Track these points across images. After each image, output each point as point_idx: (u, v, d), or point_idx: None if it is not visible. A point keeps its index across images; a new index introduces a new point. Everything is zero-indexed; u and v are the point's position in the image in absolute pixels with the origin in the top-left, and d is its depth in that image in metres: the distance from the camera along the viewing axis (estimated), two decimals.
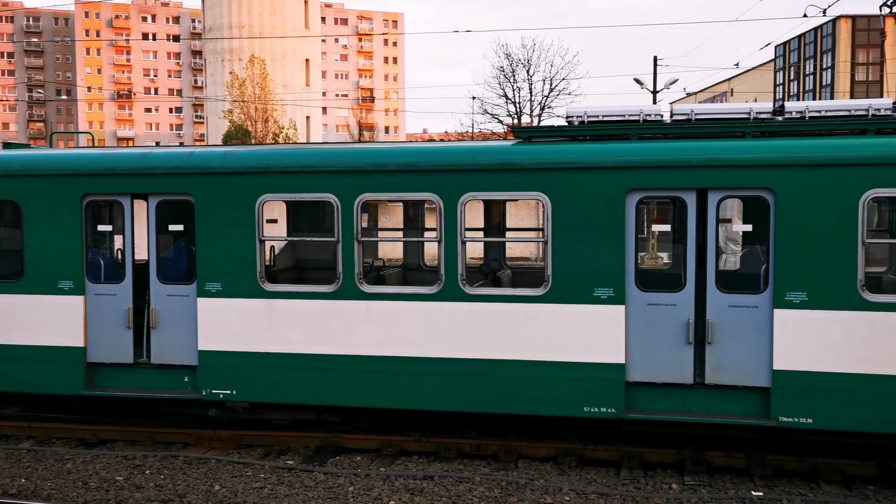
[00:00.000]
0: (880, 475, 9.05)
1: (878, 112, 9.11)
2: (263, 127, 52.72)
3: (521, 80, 45.32)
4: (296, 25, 65.76)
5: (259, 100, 53.53)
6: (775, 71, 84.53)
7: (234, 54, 63.58)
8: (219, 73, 65.20)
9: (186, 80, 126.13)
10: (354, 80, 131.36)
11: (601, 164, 9.25)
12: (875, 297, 8.68)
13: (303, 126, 63.04)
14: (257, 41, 62.12)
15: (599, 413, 9.28)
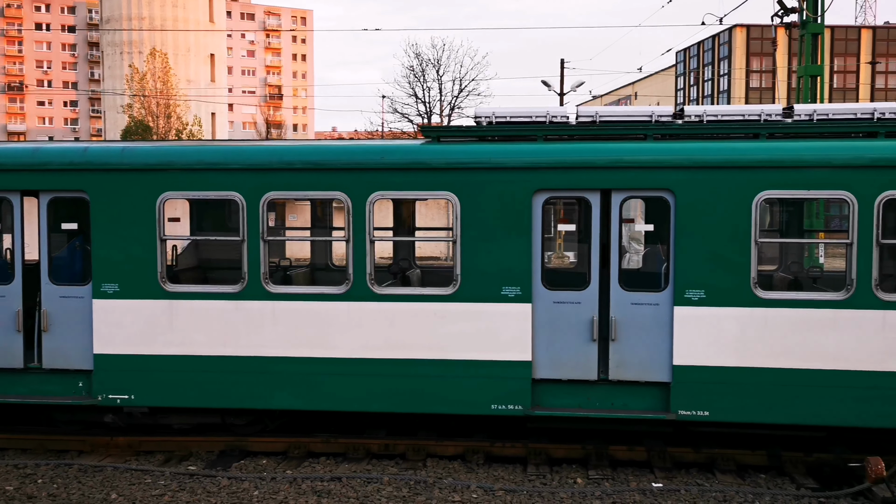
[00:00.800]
0: (771, 464, 9.47)
1: (769, 117, 9.53)
2: (166, 123, 51.13)
3: (431, 79, 45.48)
4: (200, 19, 64.05)
5: (161, 95, 51.87)
6: (676, 76, 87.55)
7: (133, 47, 61.45)
8: (117, 67, 62.92)
9: (83, 72, 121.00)
10: (262, 77, 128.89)
11: (508, 165, 9.35)
12: (767, 294, 9.07)
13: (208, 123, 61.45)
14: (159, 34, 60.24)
15: (507, 411, 9.38)
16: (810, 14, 25.05)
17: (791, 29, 27.17)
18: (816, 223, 21.23)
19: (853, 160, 8.92)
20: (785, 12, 26.10)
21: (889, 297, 8.87)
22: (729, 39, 75.51)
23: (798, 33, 26.21)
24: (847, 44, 74.40)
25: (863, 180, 8.85)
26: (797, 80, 26.59)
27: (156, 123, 50.86)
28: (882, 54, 73.88)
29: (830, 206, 21.22)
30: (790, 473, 9.30)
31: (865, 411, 8.96)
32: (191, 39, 61.87)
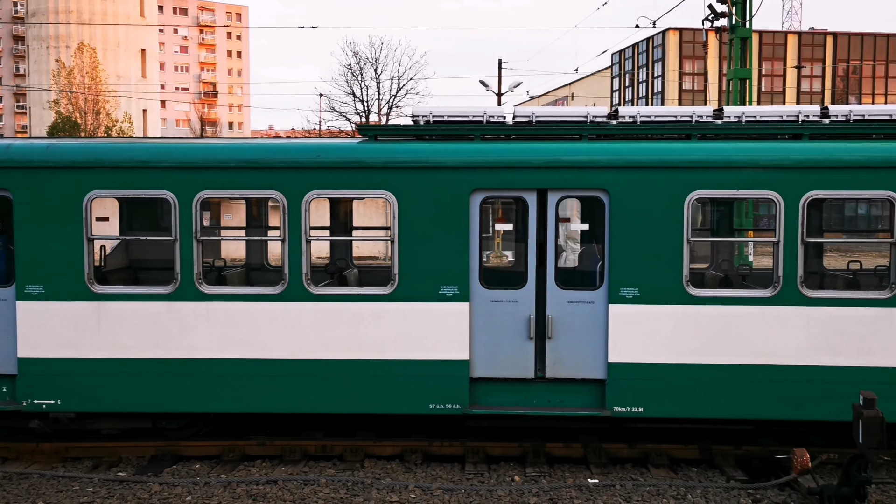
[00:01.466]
0: (702, 457, 9.69)
1: (700, 119, 9.74)
2: (94, 119, 49.67)
3: (369, 78, 45.23)
4: (130, 13, 62.42)
5: (89, 91, 50.38)
6: (612, 77, 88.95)
7: (60, 41, 59.52)
8: (43, 61, 60.84)
9: (7, 67, 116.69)
10: (196, 74, 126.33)
11: (446, 164, 9.35)
12: (699, 292, 9.28)
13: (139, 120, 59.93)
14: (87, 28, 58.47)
15: (445, 410, 9.38)
16: (739, 19, 25.75)
17: (721, 33, 27.87)
18: (746, 222, 21.84)
19: (779, 161, 9.19)
20: (715, 17, 26.77)
21: (813, 294, 9.16)
22: (662, 42, 77.09)
23: (728, 37, 26.91)
24: (774, 48, 76.68)
25: (788, 181, 9.12)
26: (727, 83, 27.30)
27: (84, 120, 49.38)
28: (807, 59, 76.40)
29: (759, 206, 21.85)
30: (720, 466, 9.53)
31: (792, 404, 9.23)
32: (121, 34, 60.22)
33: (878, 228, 28.15)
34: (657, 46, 78.60)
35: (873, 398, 7.79)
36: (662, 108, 9.96)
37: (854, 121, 9.61)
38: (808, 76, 76.52)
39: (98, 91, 50.91)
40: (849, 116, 9.63)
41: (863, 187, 9.20)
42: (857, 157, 9.16)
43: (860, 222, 40.91)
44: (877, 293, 9.21)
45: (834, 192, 9.26)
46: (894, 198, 9.03)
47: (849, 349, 9.12)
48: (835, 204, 13.40)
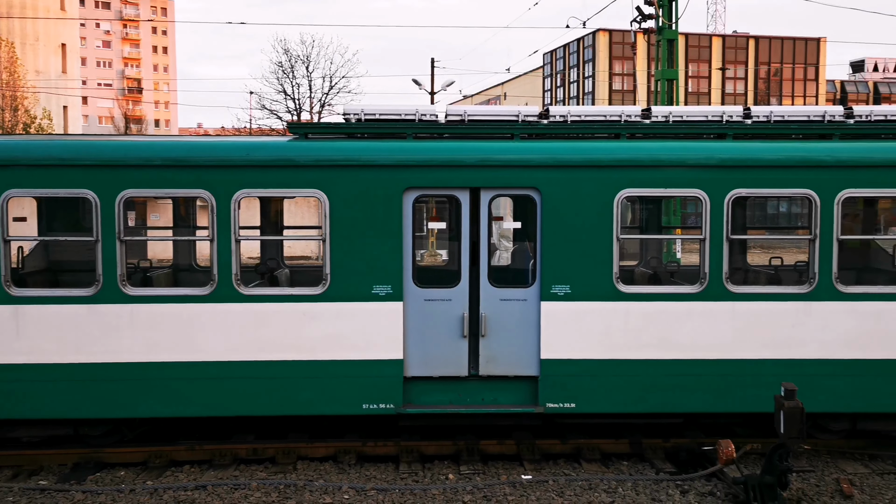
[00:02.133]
0: (633, 451, 9.87)
1: (629, 118, 9.91)
2: (12, 116, 47.78)
3: (301, 76, 44.72)
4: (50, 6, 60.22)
5: (7, 86, 48.44)
6: (543, 77, 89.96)
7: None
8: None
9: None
10: (119, 69, 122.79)
11: (378, 163, 9.29)
12: (628, 289, 9.43)
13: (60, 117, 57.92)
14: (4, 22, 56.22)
15: (378, 409, 9.32)
16: (666, 21, 26.33)
17: (649, 35, 28.47)
18: (674, 220, 22.33)
19: (705, 160, 9.41)
20: (643, 18, 27.32)
21: (738, 290, 9.41)
22: (593, 43, 78.32)
23: (655, 39, 27.50)
24: (700, 50, 78.72)
25: (713, 179, 9.35)
26: (655, 84, 27.89)
27: (1, 117, 47.47)
28: (731, 61, 78.69)
29: (686, 204, 22.38)
30: (650, 459, 9.72)
31: (718, 397, 9.47)
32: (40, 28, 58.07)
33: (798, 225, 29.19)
34: (587, 47, 79.84)
35: (794, 389, 8.05)
36: (592, 107, 10.10)
37: (775, 121, 9.92)
38: (732, 78, 78.80)
39: (16, 87, 48.98)
40: (770, 117, 9.93)
41: (784, 185, 9.49)
42: (778, 156, 9.44)
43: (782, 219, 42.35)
44: (797, 288, 9.51)
45: (757, 191, 9.53)
46: (813, 196, 9.34)
47: (771, 342, 9.41)
48: (758, 202, 13.84)
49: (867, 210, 11.25)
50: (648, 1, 26.99)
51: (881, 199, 10.81)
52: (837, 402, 9.53)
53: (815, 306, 9.39)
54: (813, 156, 9.42)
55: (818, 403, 9.34)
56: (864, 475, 9.29)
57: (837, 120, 9.93)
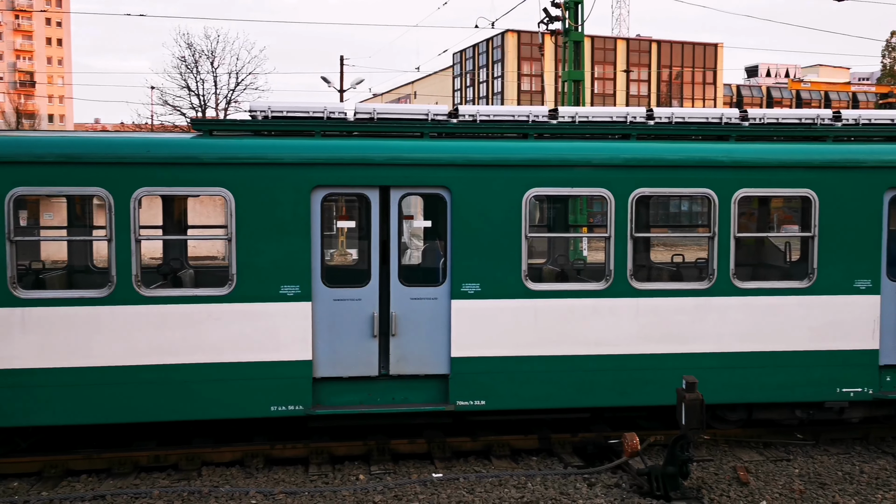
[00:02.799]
0: (542, 446, 10.02)
1: (537, 119, 10.05)
2: None
3: (205, 71, 43.55)
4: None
5: None
6: (453, 77, 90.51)
7: None
8: None
9: None
10: (10, 62, 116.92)
11: (285, 161, 9.12)
12: (537, 286, 9.57)
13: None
14: None
15: (287, 412, 9.16)
16: (572, 23, 26.86)
17: (556, 36, 28.99)
18: (581, 218, 22.81)
19: (610, 160, 9.63)
20: (550, 20, 27.79)
21: (641, 286, 9.67)
22: (502, 43, 79.27)
23: (562, 41, 28.02)
24: (605, 53, 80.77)
25: (618, 178, 9.58)
26: (562, 85, 28.42)
27: None
28: (635, 64, 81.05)
29: (592, 203, 22.91)
30: (559, 454, 9.88)
31: (623, 392, 9.71)
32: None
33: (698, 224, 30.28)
34: (496, 48, 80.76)
35: (694, 382, 8.33)
36: (501, 107, 10.20)
37: (676, 123, 10.23)
38: (636, 80, 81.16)
39: None
40: (671, 118, 10.25)
41: (685, 185, 9.81)
42: (679, 156, 9.75)
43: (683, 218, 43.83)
44: (697, 284, 9.85)
45: (659, 190, 9.81)
46: (711, 195, 9.68)
47: (673, 337, 9.71)
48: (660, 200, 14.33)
49: (761, 209, 11.76)
50: (555, 3, 27.48)
51: (774, 199, 11.30)
52: (735, 394, 9.91)
53: (714, 301, 9.75)
54: (711, 156, 9.77)
55: (717, 395, 9.70)
56: (759, 462, 9.70)
57: (734, 122, 10.33)
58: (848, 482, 9.13)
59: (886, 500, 8.65)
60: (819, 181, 9.81)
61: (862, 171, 9.88)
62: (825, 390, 9.98)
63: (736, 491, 8.79)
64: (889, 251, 10.06)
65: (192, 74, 43.12)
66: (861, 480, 9.19)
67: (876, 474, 9.38)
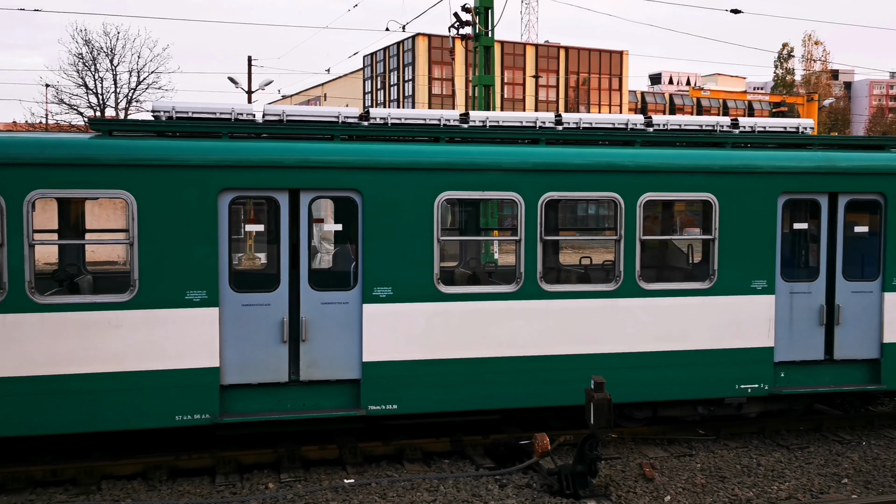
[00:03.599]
0: (454, 449, 10.05)
1: (448, 122, 10.09)
2: None
3: (105, 69, 41.93)
4: None
5: None
6: (364, 79, 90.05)
7: None
8: None
9: None
10: None
11: (191, 162, 8.86)
12: (449, 289, 9.59)
13: None
14: None
15: (193, 420, 8.90)
16: (482, 28, 27.12)
17: (466, 41, 29.21)
18: (492, 222, 23.04)
19: (520, 164, 9.75)
20: (461, 25, 27.97)
21: (551, 288, 9.83)
22: (412, 47, 79.37)
23: (473, 45, 28.25)
24: (515, 58, 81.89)
25: (528, 182, 9.71)
26: (473, 89, 28.65)
27: None
28: (544, 69, 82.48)
29: (503, 206, 23.16)
30: (471, 456, 9.93)
31: (534, 393, 9.84)
32: None
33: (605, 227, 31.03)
34: (407, 51, 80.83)
35: (602, 382, 8.52)
36: (412, 110, 10.19)
37: (584, 128, 10.46)
38: (545, 86, 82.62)
39: None
40: (579, 124, 10.46)
41: (592, 189, 10.02)
42: (587, 160, 9.96)
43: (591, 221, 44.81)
44: (605, 286, 10.07)
45: (568, 194, 9.99)
46: (618, 199, 9.92)
47: (582, 338, 9.90)
48: (569, 204, 14.63)
49: (665, 212, 12.13)
50: (466, 8, 27.69)
51: (677, 202, 11.68)
52: (641, 392, 10.19)
53: (621, 303, 9.99)
54: (618, 161, 10.02)
55: (624, 394, 9.94)
56: (664, 458, 9.99)
57: (639, 128, 10.63)
58: (746, 475, 9.50)
59: (782, 490, 9.04)
60: (719, 186, 10.18)
61: (758, 177, 10.31)
62: (725, 387, 10.36)
63: (642, 487, 9.03)
64: (783, 253, 10.54)
65: (90, 72, 41.43)
66: (758, 473, 9.58)
67: (772, 466, 9.79)
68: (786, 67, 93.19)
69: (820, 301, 10.61)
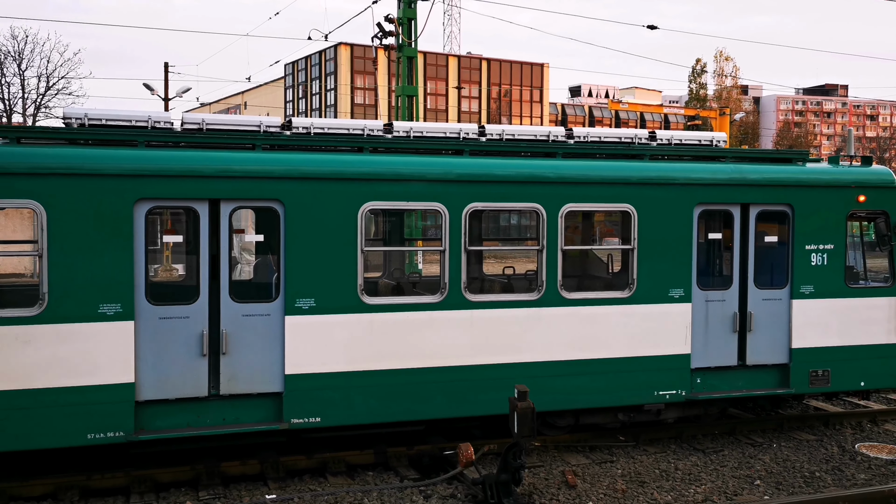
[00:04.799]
0: (378, 461, 9.97)
1: (372, 132, 10.06)
2: None
3: (12, 74, 40.30)
4: None
5: None
6: (285, 88, 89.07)
7: None
8: None
9: None
10: None
11: (104, 171, 8.57)
12: (373, 300, 9.53)
13: None
14: None
15: (106, 439, 8.57)
16: (406, 39, 27.18)
17: (390, 51, 29.22)
18: (416, 232, 23.06)
19: (444, 175, 9.78)
20: (384, 35, 27.99)
21: (475, 298, 9.87)
22: (335, 56, 78.96)
23: (396, 56, 28.28)
24: (437, 69, 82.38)
25: (452, 193, 9.75)
26: (396, 100, 28.66)
27: None
28: (466, 81, 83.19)
29: (427, 216, 23.20)
30: (395, 467, 9.87)
31: (459, 403, 9.86)
32: None
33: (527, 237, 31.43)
34: (329, 60, 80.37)
35: (526, 391, 8.59)
36: (336, 120, 10.12)
37: (507, 139, 10.57)
38: (468, 97, 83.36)
39: None
40: (502, 135, 10.57)
41: (515, 199, 10.13)
42: (510, 172, 10.07)
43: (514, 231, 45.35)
44: (528, 295, 10.18)
45: (491, 204, 10.07)
46: (540, 209, 10.06)
47: (506, 348, 9.98)
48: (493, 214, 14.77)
49: (586, 222, 12.36)
50: (389, 19, 27.72)
51: (597, 213, 11.92)
52: (564, 400, 10.33)
53: (543, 312, 10.11)
54: (540, 172, 10.16)
55: (547, 402, 10.06)
56: (586, 465, 10.14)
57: (560, 140, 10.81)
58: (665, 479, 9.73)
59: (699, 493, 9.29)
60: (637, 197, 10.43)
61: (675, 188, 10.61)
62: (645, 394, 10.60)
63: (565, 494, 9.14)
64: (698, 262, 10.87)
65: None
66: (676, 477, 9.82)
67: (689, 470, 10.06)
68: (699, 82, 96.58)
69: (733, 309, 10.98)
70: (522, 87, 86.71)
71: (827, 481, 9.80)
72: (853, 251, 11.84)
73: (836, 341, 11.31)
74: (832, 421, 12.24)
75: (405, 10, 26.97)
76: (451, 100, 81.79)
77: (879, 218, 11.62)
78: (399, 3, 27.14)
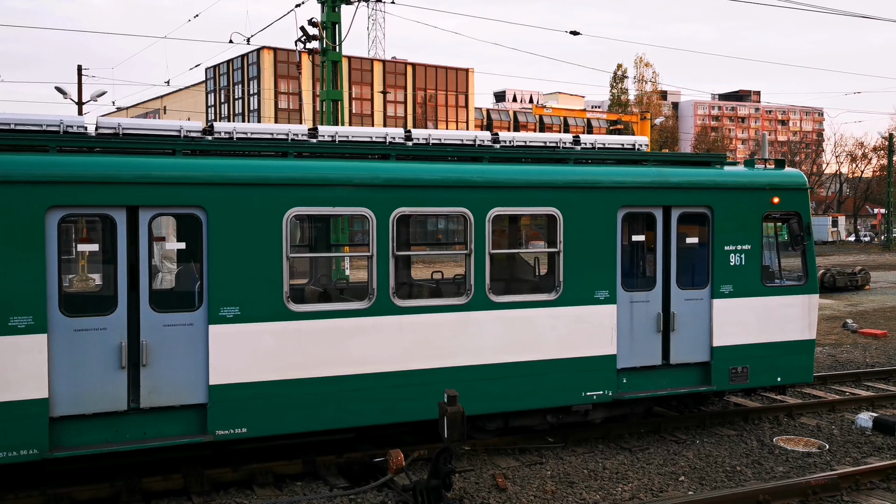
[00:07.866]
0: (307, 470, 9.81)
1: (296, 137, 9.90)
2: None
3: None
4: None
5: None
6: (207, 92, 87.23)
7: None
8: None
9: None
10: None
11: (13, 178, 8.19)
12: (299, 307, 9.37)
13: None
14: None
15: (18, 457, 8.18)
16: (330, 43, 26.94)
17: (314, 55, 28.91)
18: (342, 237, 22.84)
19: (371, 180, 9.70)
20: (308, 39, 27.66)
21: (404, 304, 9.82)
22: (258, 60, 77.73)
23: (320, 60, 28.00)
24: (362, 73, 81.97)
25: (379, 198, 9.67)
26: (321, 104, 28.36)
27: None
28: (391, 85, 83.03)
29: (354, 221, 23.02)
30: (324, 476, 9.73)
31: (389, 409, 9.77)
32: None
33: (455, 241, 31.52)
34: (252, 64, 79.09)
35: (455, 395, 8.58)
36: (259, 125, 9.93)
37: (433, 144, 10.55)
38: (393, 101, 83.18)
39: None
40: (429, 140, 10.56)
41: (443, 204, 10.11)
42: (437, 176, 10.05)
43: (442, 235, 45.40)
44: (456, 300, 10.18)
45: (419, 209, 10.04)
46: (468, 214, 10.07)
47: (435, 352, 9.95)
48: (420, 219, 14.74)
49: (512, 226, 12.44)
50: (313, 22, 27.42)
51: (524, 217, 12.01)
52: (493, 404, 10.35)
53: (472, 316, 10.12)
54: (467, 177, 10.18)
55: (477, 406, 10.07)
56: (516, 468, 10.19)
57: (486, 144, 10.86)
58: (593, 479, 9.86)
59: (626, 492, 9.43)
60: (563, 200, 10.56)
61: (599, 192, 10.78)
62: (572, 395, 10.72)
63: (495, 497, 9.15)
64: (623, 264, 11.06)
65: None
66: (604, 476, 9.96)
67: (616, 469, 10.21)
68: (620, 87, 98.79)
69: (657, 309, 11.21)
70: (448, 92, 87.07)
71: (747, 475, 10.09)
72: (769, 251, 12.26)
73: (754, 339, 11.67)
74: (751, 416, 12.63)
75: (329, 14, 26.74)
76: (377, 104, 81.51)
77: (792, 219, 12.05)
78: (323, 6, 26.90)
